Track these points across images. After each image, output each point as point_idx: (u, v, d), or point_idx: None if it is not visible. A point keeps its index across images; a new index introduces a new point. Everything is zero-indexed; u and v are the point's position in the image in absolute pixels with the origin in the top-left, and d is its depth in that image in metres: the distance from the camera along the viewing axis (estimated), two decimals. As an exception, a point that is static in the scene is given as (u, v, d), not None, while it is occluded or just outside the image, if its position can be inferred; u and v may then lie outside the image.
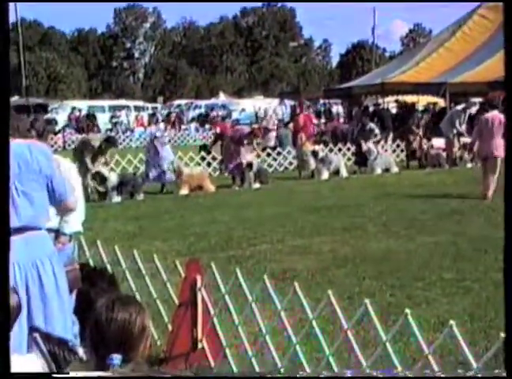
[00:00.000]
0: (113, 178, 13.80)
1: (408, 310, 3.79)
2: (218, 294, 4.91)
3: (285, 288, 5.25)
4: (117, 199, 13.70)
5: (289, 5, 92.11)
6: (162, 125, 17.48)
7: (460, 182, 15.07)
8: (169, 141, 16.20)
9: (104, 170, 14.07)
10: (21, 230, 3.50)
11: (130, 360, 2.46)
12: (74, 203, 3.79)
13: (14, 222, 3.45)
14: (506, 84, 2.10)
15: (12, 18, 61.58)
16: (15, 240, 3.46)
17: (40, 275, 3.51)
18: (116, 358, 2.41)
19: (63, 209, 3.70)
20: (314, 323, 4.27)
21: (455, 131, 18.99)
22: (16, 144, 3.50)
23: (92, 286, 4.78)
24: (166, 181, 15.23)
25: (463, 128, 19.07)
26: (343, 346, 4.22)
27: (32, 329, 3.14)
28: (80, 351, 2.94)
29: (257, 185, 15.53)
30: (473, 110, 22.60)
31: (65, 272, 3.92)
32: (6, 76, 2.55)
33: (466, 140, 19.37)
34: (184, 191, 14.69)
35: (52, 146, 29.77)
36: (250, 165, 15.56)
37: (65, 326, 3.57)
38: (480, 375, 3.40)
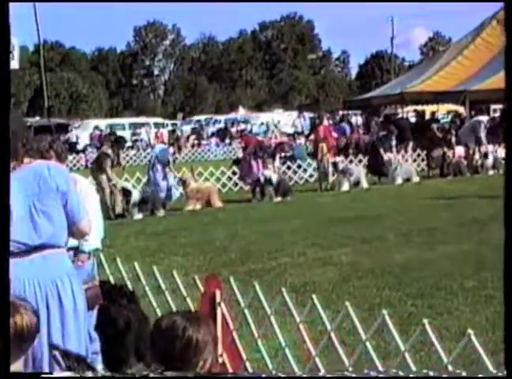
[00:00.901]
0: (135, 195, 13.91)
1: (425, 320, 3.78)
2: (238, 309, 4.92)
3: (305, 301, 5.25)
4: (138, 216, 13.80)
5: (307, 17, 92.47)
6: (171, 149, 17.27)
7: (481, 190, 14.96)
8: (174, 161, 15.87)
9: (129, 185, 14.22)
10: (41, 248, 3.55)
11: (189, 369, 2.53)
12: (87, 226, 3.84)
13: (34, 240, 3.52)
14: (507, 85, 2.10)
15: (34, 40, 62.43)
16: (34, 258, 3.52)
17: (60, 294, 3.56)
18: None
19: (75, 232, 3.76)
20: (332, 335, 4.26)
21: (475, 140, 18.97)
22: (36, 165, 3.58)
23: (112, 303, 4.83)
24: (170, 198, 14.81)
25: (483, 137, 19.07)
26: (363, 357, 4.22)
27: (52, 347, 3.18)
28: (99, 368, 2.98)
29: (278, 199, 15.53)
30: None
31: (84, 289, 3.97)
32: (7, 77, 2.60)
33: (487, 148, 19.31)
34: (190, 206, 14.58)
35: (74, 165, 30.08)
36: (269, 179, 15.59)
37: (80, 343, 3.61)
38: None
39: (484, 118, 20.62)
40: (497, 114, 29.71)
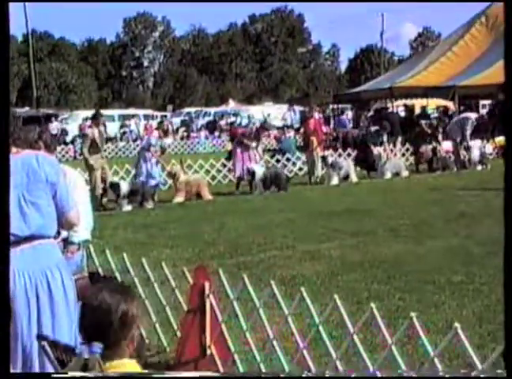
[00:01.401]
0: (124, 187, 13.88)
1: (413, 313, 3.80)
2: (226, 301, 4.94)
3: (294, 294, 5.28)
4: (127, 207, 13.77)
5: (297, 11, 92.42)
6: (156, 134, 17.21)
7: (469, 185, 15.05)
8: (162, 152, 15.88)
9: (116, 179, 14.19)
10: (30, 238, 3.55)
11: (113, 352, 2.40)
12: (75, 217, 3.84)
13: (23, 230, 3.52)
14: (506, 84, 2.11)
15: (23, 30, 62.07)
16: (24, 249, 3.52)
17: (49, 284, 3.56)
18: (97, 346, 2.37)
19: (64, 222, 3.75)
20: (320, 327, 4.29)
21: (463, 136, 19.15)
22: (24, 155, 3.57)
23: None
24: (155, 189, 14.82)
25: (468, 134, 19.27)
26: (350, 350, 4.25)
27: (40, 337, 3.18)
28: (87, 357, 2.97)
29: (267, 192, 15.52)
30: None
31: (74, 280, 3.97)
32: (6, 77, 2.59)
33: (473, 144, 19.45)
34: (180, 199, 14.58)
35: (63, 156, 29.95)
36: (252, 173, 15.55)
37: (72, 335, 3.62)
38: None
39: (472, 115, 20.73)
40: (485, 110, 29.87)
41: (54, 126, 38.74)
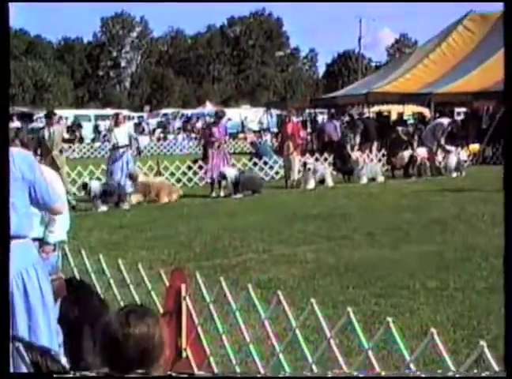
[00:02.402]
0: (95, 186, 13.73)
1: (389, 319, 3.81)
2: (203, 303, 4.92)
3: (270, 297, 5.27)
4: (103, 208, 13.67)
5: (276, 14, 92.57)
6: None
7: (444, 192, 15.18)
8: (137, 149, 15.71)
9: (86, 179, 14.10)
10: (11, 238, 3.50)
11: (151, 373, 2.33)
12: (62, 207, 3.80)
13: None
14: (506, 85, 2.13)
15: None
16: None
17: (25, 285, 3.51)
18: (141, 374, 2.29)
19: (52, 213, 3.71)
20: (297, 331, 4.29)
21: (436, 142, 19.36)
22: None
23: (76, 299, 4.78)
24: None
25: (442, 140, 19.50)
26: (326, 354, 4.25)
27: (15, 339, 3.14)
28: (63, 360, 2.94)
29: (238, 196, 15.46)
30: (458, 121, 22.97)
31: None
32: (7, 78, 2.56)
33: (450, 148, 19.66)
34: (135, 200, 14.43)
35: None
36: (223, 175, 15.53)
37: (51, 335, 3.57)
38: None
39: (445, 120, 20.93)
40: (460, 117, 30.18)
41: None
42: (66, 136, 18.98)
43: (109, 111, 47.21)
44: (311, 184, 17.04)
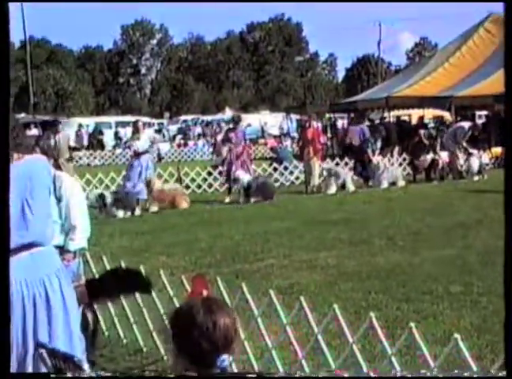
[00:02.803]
0: (108, 197, 13.80)
1: (412, 324, 3.78)
2: (224, 309, 4.90)
3: (292, 303, 5.25)
4: (119, 214, 13.70)
5: (295, 19, 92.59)
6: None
7: (466, 195, 15.05)
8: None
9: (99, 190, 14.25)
10: (30, 245, 3.50)
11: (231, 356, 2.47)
12: (76, 220, 3.82)
13: (25, 237, 3.46)
14: (506, 86, 2.10)
15: (20, 37, 62.01)
16: (22, 256, 3.46)
17: (47, 292, 3.51)
18: (226, 359, 2.40)
19: (66, 226, 3.73)
20: (319, 337, 4.26)
21: (458, 145, 19.25)
22: (27, 161, 3.53)
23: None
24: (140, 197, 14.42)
25: (464, 143, 19.39)
26: (349, 360, 4.22)
27: (39, 345, 3.15)
28: (86, 367, 2.95)
29: (252, 201, 15.32)
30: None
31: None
32: (7, 77, 2.57)
33: (472, 151, 19.51)
34: (154, 208, 14.32)
35: (59, 162, 29.91)
36: (236, 179, 15.43)
37: (71, 343, 3.57)
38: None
39: (466, 124, 20.78)
40: (481, 121, 29.94)
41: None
42: (72, 144, 19.03)
43: (129, 118, 47.52)
44: (332, 189, 16.98)
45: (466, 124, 20.87)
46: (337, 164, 19.04)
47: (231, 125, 17.69)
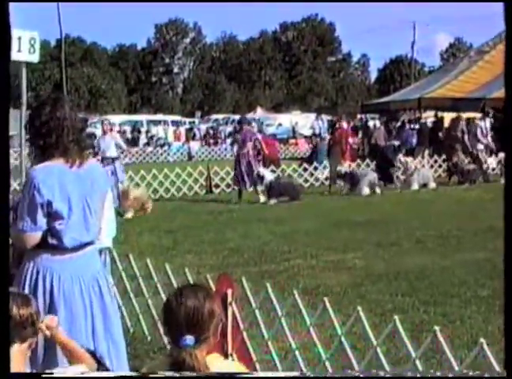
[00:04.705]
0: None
1: (437, 327, 3.74)
2: (249, 309, 4.91)
3: (317, 303, 5.23)
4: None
5: (328, 19, 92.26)
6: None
7: (497, 198, 14.83)
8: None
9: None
10: (86, 245, 3.62)
11: (203, 341, 2.56)
12: (107, 227, 3.94)
13: (85, 237, 3.57)
14: (507, 85, 2.07)
15: (56, 35, 62.76)
16: (80, 255, 3.59)
17: (100, 287, 3.64)
18: (189, 339, 2.51)
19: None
20: (343, 339, 4.24)
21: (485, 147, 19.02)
22: (89, 164, 3.65)
23: None
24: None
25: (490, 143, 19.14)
26: (374, 363, 4.19)
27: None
28: (107, 363, 2.98)
29: (272, 201, 15.24)
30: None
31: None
32: (6, 76, 2.60)
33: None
34: (129, 214, 13.67)
35: (91, 160, 30.21)
36: (262, 177, 15.34)
37: (121, 335, 3.74)
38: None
39: (486, 123, 20.48)
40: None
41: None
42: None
43: (161, 117, 47.86)
44: (365, 190, 16.71)
45: (485, 123, 20.54)
46: (368, 165, 18.89)
47: (237, 127, 17.56)
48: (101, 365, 3.00)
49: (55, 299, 3.47)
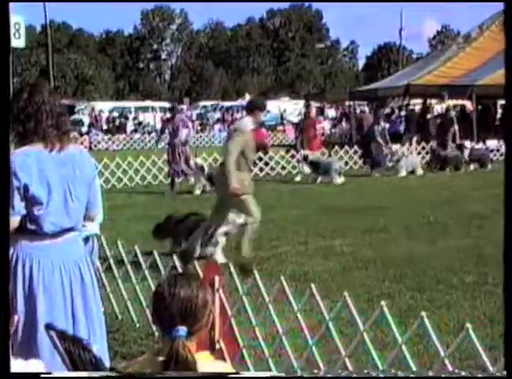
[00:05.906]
0: None
1: (424, 313, 3.77)
2: (237, 295, 4.92)
3: (305, 290, 5.24)
4: None
5: (315, 6, 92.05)
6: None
7: (483, 186, 14.92)
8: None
9: None
10: (67, 231, 3.58)
11: (195, 332, 2.51)
12: (98, 215, 3.87)
13: (65, 223, 3.53)
14: (507, 84, 2.09)
15: (41, 20, 62.30)
16: (59, 241, 3.54)
17: (82, 274, 3.61)
18: (181, 329, 2.46)
19: (86, 216, 3.76)
20: (330, 324, 4.26)
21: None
22: (70, 149, 3.59)
23: None
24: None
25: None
26: (360, 348, 4.21)
27: (49, 327, 3.17)
28: (95, 349, 2.97)
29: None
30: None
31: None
32: (7, 77, 2.59)
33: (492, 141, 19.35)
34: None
35: (78, 147, 30.08)
36: (201, 167, 15.40)
37: (101, 322, 3.71)
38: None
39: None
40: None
41: None
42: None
43: (149, 103, 47.63)
44: (337, 179, 16.51)
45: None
46: (356, 152, 18.90)
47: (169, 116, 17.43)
48: (87, 351, 2.98)
49: (34, 285, 3.44)
